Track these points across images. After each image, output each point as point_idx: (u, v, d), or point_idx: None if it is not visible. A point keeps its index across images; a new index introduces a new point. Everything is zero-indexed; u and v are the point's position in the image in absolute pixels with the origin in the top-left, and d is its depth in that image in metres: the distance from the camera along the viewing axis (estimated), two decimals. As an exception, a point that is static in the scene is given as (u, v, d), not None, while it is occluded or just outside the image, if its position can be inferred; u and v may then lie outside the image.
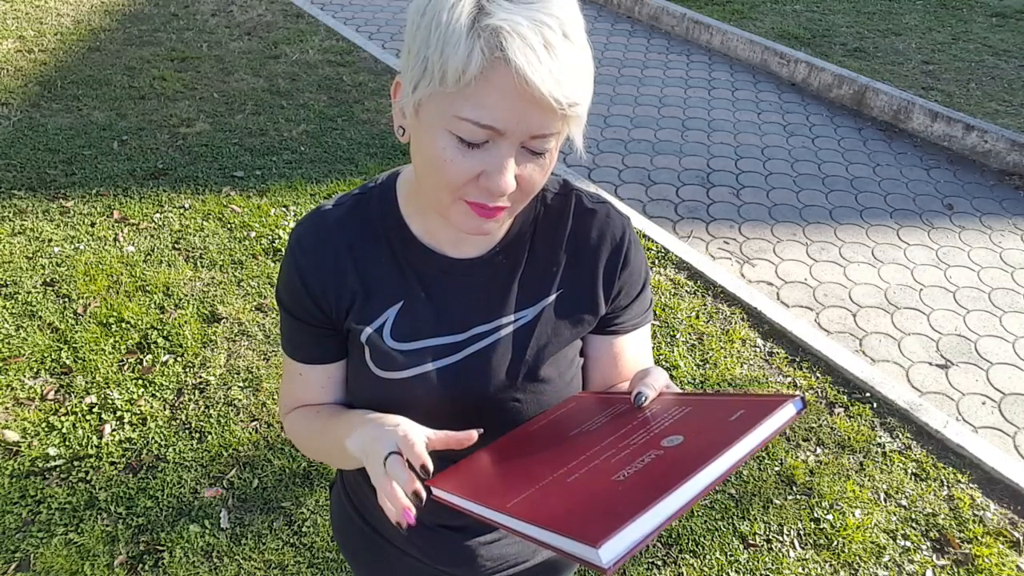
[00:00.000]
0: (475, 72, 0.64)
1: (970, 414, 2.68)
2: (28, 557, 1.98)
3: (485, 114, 0.65)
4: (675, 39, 5.82)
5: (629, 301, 0.92)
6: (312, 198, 3.49)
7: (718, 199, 3.86)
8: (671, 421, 0.69)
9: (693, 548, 2.12)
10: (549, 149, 0.71)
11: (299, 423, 0.95)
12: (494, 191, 0.69)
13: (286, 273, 0.88)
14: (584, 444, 0.72)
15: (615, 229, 0.90)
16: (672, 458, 0.63)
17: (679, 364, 2.71)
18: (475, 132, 0.67)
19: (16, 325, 2.68)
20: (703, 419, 0.68)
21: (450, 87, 0.65)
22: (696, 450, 0.62)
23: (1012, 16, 6.21)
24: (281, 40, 5.15)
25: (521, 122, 0.66)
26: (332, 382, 0.93)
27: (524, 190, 0.73)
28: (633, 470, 0.63)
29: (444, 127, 0.68)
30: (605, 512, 0.58)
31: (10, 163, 3.60)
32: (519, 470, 0.72)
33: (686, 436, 0.65)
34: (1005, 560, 2.13)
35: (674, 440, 0.66)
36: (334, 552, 2.04)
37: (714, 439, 0.63)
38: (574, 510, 0.60)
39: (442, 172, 0.70)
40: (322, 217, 0.87)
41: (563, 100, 0.65)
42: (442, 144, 0.69)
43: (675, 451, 0.64)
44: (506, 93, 0.64)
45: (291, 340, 0.92)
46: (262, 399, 2.47)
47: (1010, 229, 3.72)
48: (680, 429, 0.67)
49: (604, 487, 0.63)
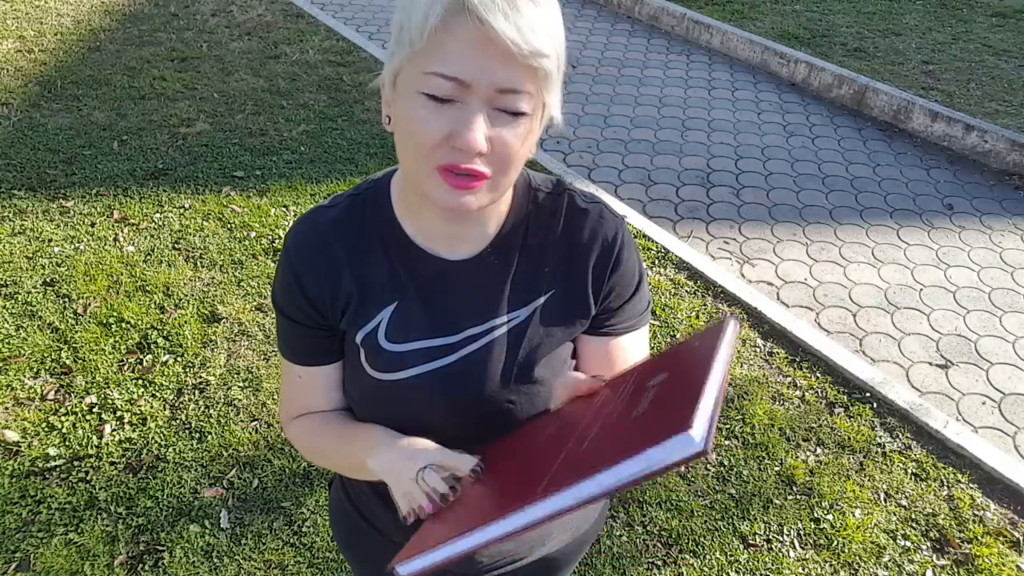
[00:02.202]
0: (435, 23, 0.66)
1: (970, 414, 2.68)
2: (28, 557, 1.98)
3: (449, 66, 0.67)
4: (675, 39, 5.82)
5: (621, 303, 0.91)
6: (312, 198, 3.49)
7: (718, 199, 3.86)
8: (653, 373, 0.70)
9: (693, 548, 2.12)
10: (522, 111, 0.70)
11: (306, 435, 0.95)
12: (463, 148, 0.69)
13: (281, 275, 0.88)
14: (573, 423, 0.72)
15: (607, 229, 0.89)
16: (673, 385, 0.64)
17: (679, 364, 2.71)
18: (441, 85, 0.68)
19: (16, 325, 2.68)
20: (676, 360, 0.69)
21: (417, 46, 0.68)
22: (687, 371, 0.64)
23: (1012, 16, 6.21)
24: (281, 40, 5.15)
25: (485, 73, 0.67)
26: (331, 384, 0.93)
27: (500, 156, 0.72)
28: (643, 407, 0.63)
29: (415, 89, 0.69)
30: (666, 416, 0.58)
31: (10, 163, 3.60)
32: (521, 470, 0.72)
33: (668, 373, 0.67)
34: (1005, 560, 2.13)
35: (659, 378, 0.67)
36: (334, 552, 2.04)
37: (697, 361, 0.64)
38: (629, 437, 0.59)
39: (414, 135, 0.71)
40: (317, 218, 0.87)
41: (524, 47, 0.66)
42: (414, 106, 0.70)
43: (670, 382, 0.65)
44: (468, 42, 0.66)
45: (289, 343, 0.92)
46: (262, 399, 2.47)
47: (1010, 229, 3.72)
48: (662, 367, 0.69)
49: (628, 425, 0.63)
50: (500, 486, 0.72)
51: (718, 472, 2.35)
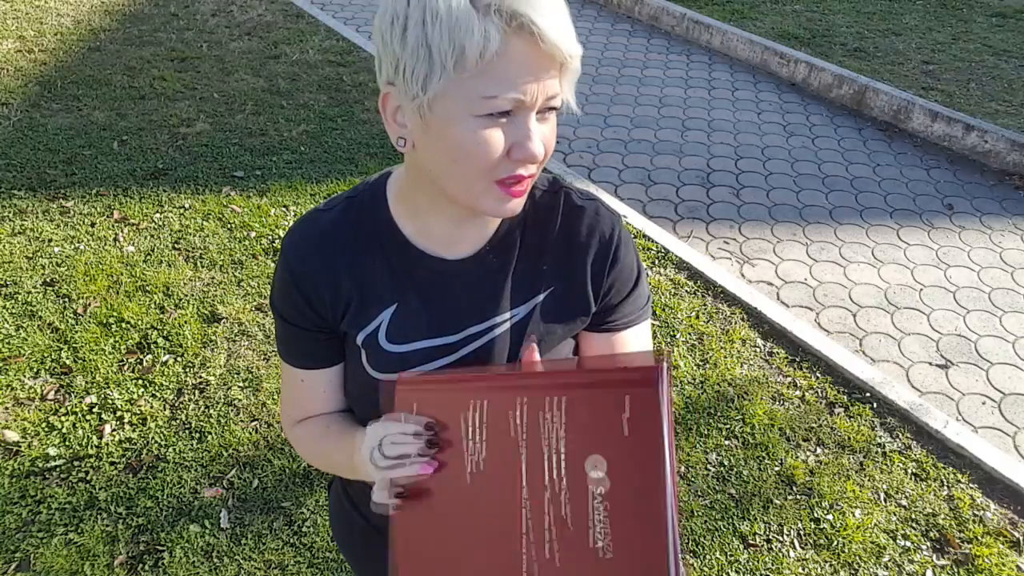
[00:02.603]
0: (496, 48, 0.66)
1: (970, 414, 2.68)
2: (28, 557, 1.98)
3: (511, 86, 0.68)
4: (675, 39, 5.82)
5: (621, 298, 0.92)
6: (312, 198, 3.49)
7: (718, 199, 3.86)
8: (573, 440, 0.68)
9: (693, 548, 2.12)
10: (556, 108, 0.73)
11: (307, 439, 0.95)
12: (529, 159, 0.71)
13: (280, 279, 0.88)
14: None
15: (604, 226, 0.89)
16: (624, 501, 0.64)
17: (679, 364, 2.71)
18: (501, 105, 0.69)
19: (16, 325, 2.68)
20: (608, 434, 0.66)
21: (468, 71, 0.66)
22: (633, 477, 0.64)
23: (1012, 16, 6.21)
24: (281, 40, 5.15)
25: (540, 86, 0.69)
26: (333, 387, 0.93)
27: (545, 157, 0.75)
28: (603, 541, 0.65)
29: (469, 112, 0.69)
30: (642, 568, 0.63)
31: (10, 163, 3.60)
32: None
33: (609, 467, 0.66)
34: (1005, 560, 2.13)
35: (599, 471, 0.66)
36: (334, 552, 2.04)
37: (642, 460, 0.64)
38: None
39: (475, 157, 0.71)
40: (314, 221, 0.87)
41: (574, 51, 0.69)
42: (470, 129, 0.69)
43: (619, 492, 0.65)
44: (526, 61, 0.67)
45: (289, 347, 0.92)
46: (262, 399, 2.47)
47: (1010, 229, 3.72)
48: (592, 433, 0.67)
49: (596, 568, 0.66)
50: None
51: (718, 472, 2.35)
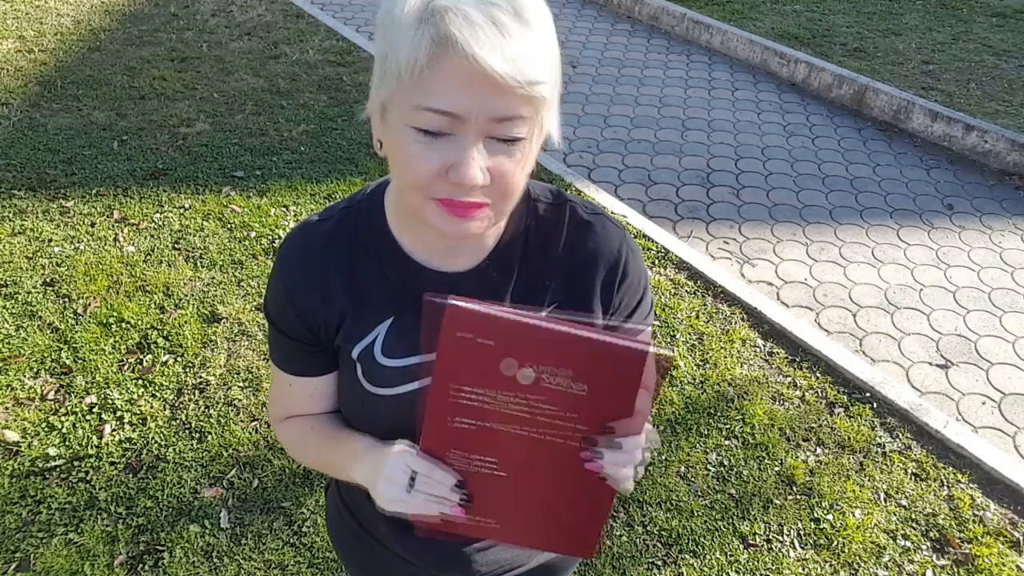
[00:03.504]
0: (425, 60, 0.63)
1: (970, 414, 2.68)
2: (28, 557, 1.98)
3: (441, 100, 0.64)
4: (675, 39, 5.82)
5: (630, 312, 0.91)
6: (312, 198, 3.49)
7: (718, 199, 3.86)
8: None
9: (693, 548, 2.12)
10: (520, 137, 0.68)
11: (293, 436, 0.95)
12: (462, 183, 0.67)
13: (273, 289, 0.87)
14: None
15: (612, 242, 0.87)
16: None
17: (679, 364, 2.71)
18: (433, 120, 0.66)
19: (16, 325, 2.68)
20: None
21: (406, 81, 0.65)
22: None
23: (1012, 16, 6.21)
24: (281, 40, 5.15)
25: (480, 106, 0.64)
26: (321, 394, 0.93)
27: (499, 186, 0.70)
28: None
29: (406, 123, 0.67)
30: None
31: (10, 163, 3.60)
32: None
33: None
34: (1005, 560, 2.13)
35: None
36: (334, 552, 2.04)
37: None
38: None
39: (409, 170, 0.69)
40: (310, 233, 0.86)
41: (518, 77, 0.63)
42: (406, 141, 0.68)
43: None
44: (458, 76, 0.63)
45: (280, 353, 0.91)
46: (262, 399, 2.47)
47: (1010, 229, 3.72)
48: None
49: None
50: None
51: (718, 472, 2.35)
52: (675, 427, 2.48)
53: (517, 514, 0.80)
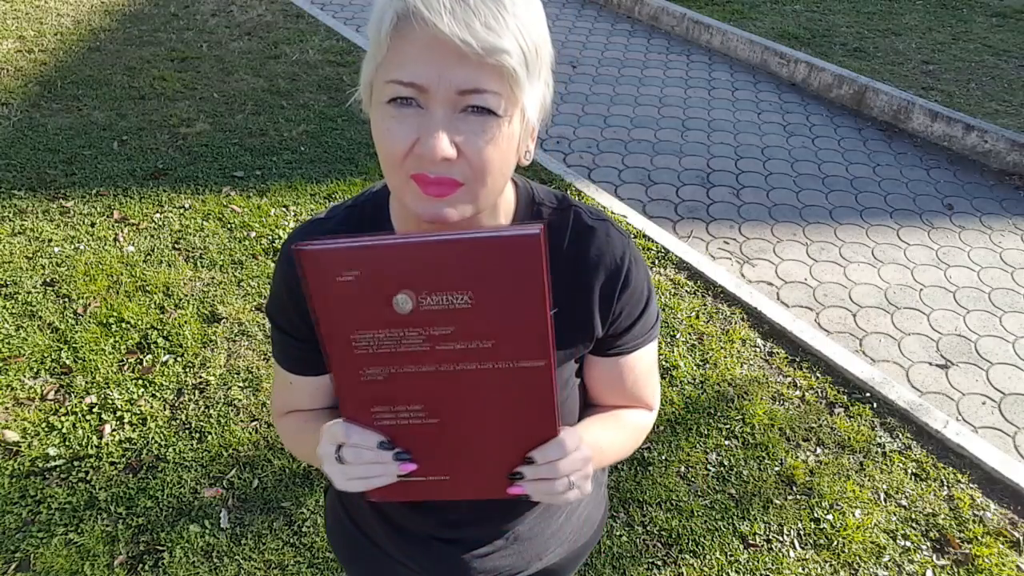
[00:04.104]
0: (388, 29, 0.65)
1: (970, 414, 2.68)
2: (28, 557, 1.98)
3: (404, 71, 0.66)
4: (675, 39, 5.82)
5: (632, 322, 0.89)
6: (312, 198, 3.49)
7: (718, 199, 3.86)
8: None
9: (693, 548, 2.12)
10: (491, 110, 0.67)
11: (289, 431, 0.96)
12: (427, 155, 0.66)
13: (275, 288, 0.88)
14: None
15: (615, 249, 0.86)
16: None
17: (679, 364, 2.71)
18: (399, 91, 0.66)
19: (16, 325, 2.68)
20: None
21: (379, 57, 0.67)
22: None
23: (1012, 16, 6.21)
24: (281, 40, 5.15)
25: (441, 74, 0.65)
26: (320, 392, 0.94)
27: (472, 162, 0.69)
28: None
29: (380, 100, 0.69)
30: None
31: (10, 163, 3.60)
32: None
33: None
34: (1005, 560, 2.13)
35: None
36: (333, 553, 2.04)
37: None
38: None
39: (383, 147, 0.70)
40: (313, 229, 0.86)
41: (475, 44, 0.63)
42: (382, 117, 0.69)
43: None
44: (420, 45, 0.65)
45: (282, 352, 0.92)
46: (262, 399, 2.47)
47: (1010, 229, 3.72)
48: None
49: None
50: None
51: (718, 472, 2.35)
52: (675, 427, 2.48)
53: (463, 463, 0.74)
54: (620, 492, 2.26)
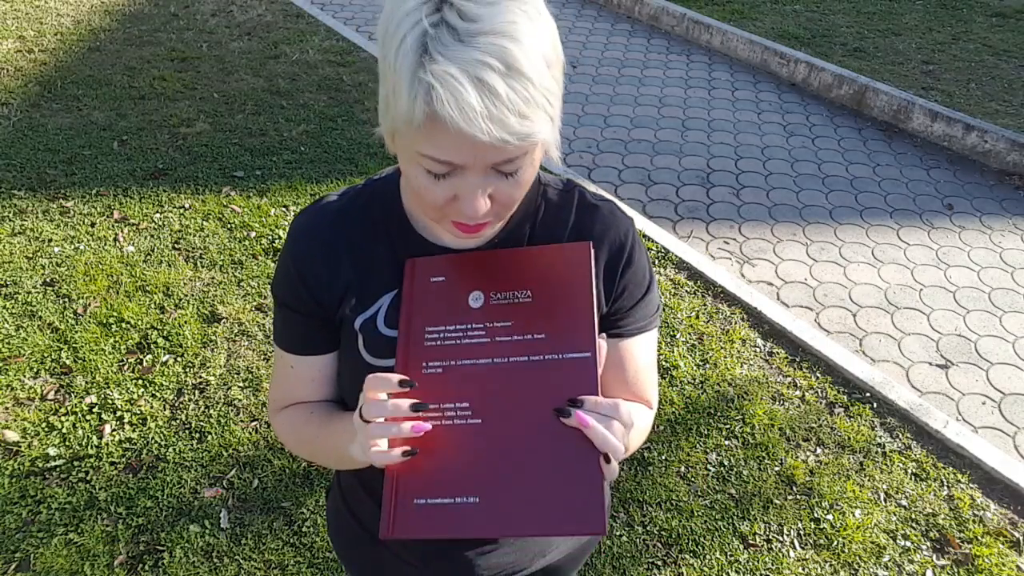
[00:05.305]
0: (420, 120, 0.65)
1: (970, 414, 2.68)
2: (28, 557, 1.98)
3: (440, 152, 0.67)
4: (675, 39, 5.82)
5: (633, 303, 0.91)
6: (312, 198, 3.49)
7: (718, 199, 3.86)
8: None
9: (693, 548, 2.12)
10: (520, 167, 0.71)
11: (290, 425, 0.95)
12: (468, 216, 0.72)
13: (282, 263, 0.89)
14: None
15: (620, 226, 0.89)
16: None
17: (679, 364, 2.71)
18: (436, 167, 0.69)
19: (16, 325, 2.68)
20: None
21: (407, 121, 0.66)
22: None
23: (1012, 16, 6.21)
24: (281, 40, 5.15)
25: (476, 159, 0.68)
26: (323, 376, 0.93)
27: (504, 203, 0.74)
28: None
29: (413, 159, 0.70)
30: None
31: (10, 163, 3.60)
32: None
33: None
34: (1005, 560, 2.13)
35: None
36: (334, 552, 2.04)
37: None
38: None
39: (420, 197, 0.73)
40: (322, 208, 0.89)
41: (510, 138, 0.64)
42: (415, 173, 0.71)
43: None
44: (454, 136, 0.65)
45: (284, 332, 0.92)
46: (262, 399, 2.47)
47: (1010, 229, 3.72)
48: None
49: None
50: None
51: (718, 472, 2.35)
52: (675, 427, 2.48)
53: (496, 478, 0.74)
54: (620, 492, 2.26)
